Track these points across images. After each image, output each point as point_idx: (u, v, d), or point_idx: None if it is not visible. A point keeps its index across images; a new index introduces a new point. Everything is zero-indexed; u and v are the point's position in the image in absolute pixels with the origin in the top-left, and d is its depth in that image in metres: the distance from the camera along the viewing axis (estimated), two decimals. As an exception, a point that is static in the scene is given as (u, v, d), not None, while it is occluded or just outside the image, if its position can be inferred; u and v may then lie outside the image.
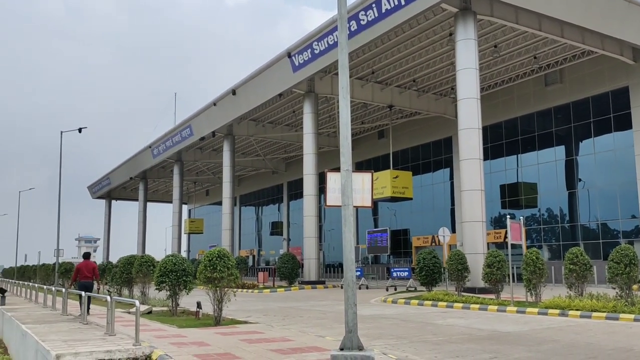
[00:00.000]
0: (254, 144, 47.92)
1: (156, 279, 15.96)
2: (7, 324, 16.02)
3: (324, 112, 39.56)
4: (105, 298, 11.31)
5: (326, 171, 7.98)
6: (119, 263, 22.48)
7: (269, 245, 60.13)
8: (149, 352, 9.02)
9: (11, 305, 19.48)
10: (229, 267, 13.54)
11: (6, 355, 13.63)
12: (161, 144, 50.70)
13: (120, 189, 68.80)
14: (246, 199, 65.06)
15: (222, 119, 40.23)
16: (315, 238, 33.62)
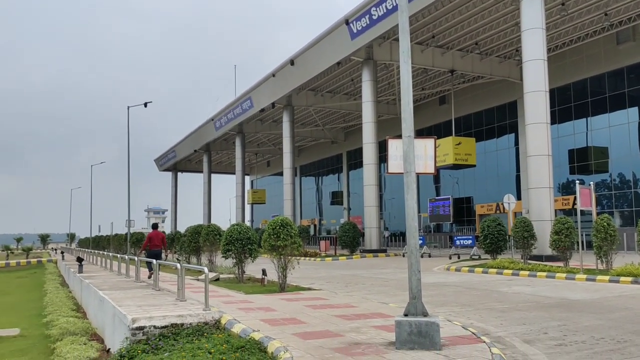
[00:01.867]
0: (313, 114, 47.99)
1: (223, 248, 16.43)
2: (85, 291, 16.99)
3: (383, 80, 39.04)
4: (175, 266, 11.75)
5: (387, 138, 7.89)
6: (187, 232, 23.26)
7: (330, 214, 60.60)
8: (218, 317, 9.35)
9: (88, 273, 20.57)
10: (292, 235, 13.75)
11: (86, 320, 14.49)
12: (223, 117, 51.61)
13: (186, 161, 70.75)
14: (306, 169, 65.54)
15: (281, 89, 40.44)
16: (375, 207, 33.57)
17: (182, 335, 8.65)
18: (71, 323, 12.52)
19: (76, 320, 13.17)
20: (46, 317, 15.23)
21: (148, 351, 8.21)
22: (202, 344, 7.92)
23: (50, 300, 18.20)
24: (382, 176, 41.73)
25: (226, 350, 7.25)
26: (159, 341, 8.49)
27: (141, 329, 8.73)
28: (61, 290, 21.55)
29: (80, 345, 10.38)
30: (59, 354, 9.82)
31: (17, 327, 15.16)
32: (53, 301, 17.82)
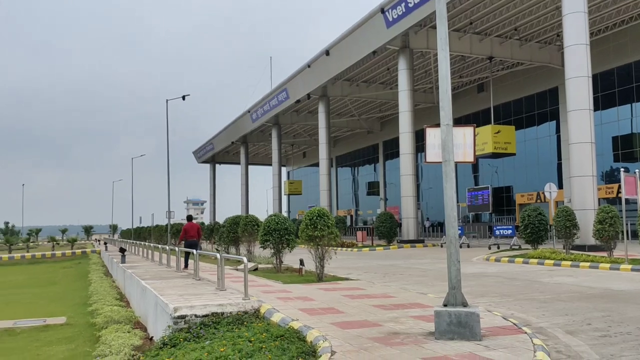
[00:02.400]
0: (349, 104, 47.84)
1: (261, 238, 16.61)
2: (128, 280, 17.43)
3: (419, 68, 38.60)
4: (214, 256, 11.94)
5: (425, 127, 7.80)
6: (225, 223, 23.57)
7: (366, 205, 60.46)
8: (258, 306, 9.47)
9: (131, 263, 21.08)
10: (329, 225, 13.78)
11: (129, 308, 14.87)
12: (259, 109, 51.94)
13: (223, 153, 71.56)
14: (342, 160, 65.47)
15: (316, 80, 40.42)
16: (412, 197, 33.32)
17: (223, 324, 8.79)
18: (115, 312, 12.86)
19: (120, 309, 13.52)
20: (91, 306, 15.68)
21: (190, 339, 8.38)
22: (242, 332, 8.03)
23: (95, 290, 18.73)
24: (419, 166, 41.38)
25: (266, 339, 7.34)
26: (200, 329, 8.65)
27: (183, 317, 8.91)
28: (105, 280, 22.15)
29: (124, 333, 10.66)
30: (104, 342, 10.10)
31: (63, 315, 15.68)
32: (97, 290, 18.33)
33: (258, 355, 6.54)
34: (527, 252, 21.44)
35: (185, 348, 7.97)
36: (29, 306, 18.76)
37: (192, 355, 7.15)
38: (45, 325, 14.14)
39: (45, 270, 36.12)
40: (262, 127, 56.28)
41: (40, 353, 11.23)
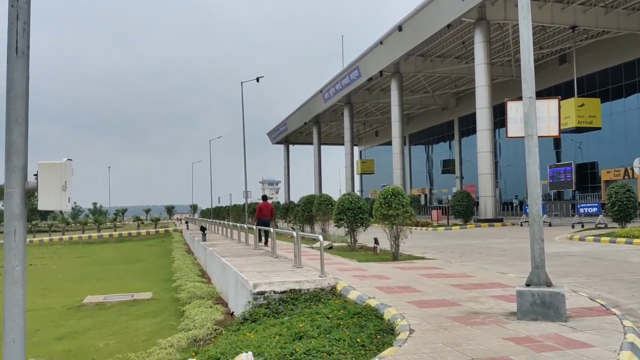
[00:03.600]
0: (422, 80, 46.89)
1: (335, 217, 16.71)
2: (209, 258, 18.06)
3: (496, 41, 37.17)
4: (290, 234, 12.13)
5: (506, 100, 7.50)
6: (300, 202, 23.89)
7: (441, 183, 59.39)
8: (334, 284, 9.55)
9: (211, 241, 21.82)
10: (404, 204, 13.64)
11: (210, 285, 15.42)
12: (331, 88, 51.90)
13: (296, 133, 72.27)
14: (416, 138, 64.49)
15: (389, 57, 39.82)
16: (490, 175, 32.36)
17: (300, 300, 8.95)
18: (198, 288, 13.39)
19: (202, 285, 14.06)
20: (175, 282, 16.41)
21: (269, 315, 8.60)
22: (319, 309, 8.14)
23: (178, 267, 19.56)
24: (497, 142, 40.10)
25: (343, 315, 7.39)
26: (279, 305, 8.85)
27: (262, 293, 9.14)
28: (187, 257, 23.08)
29: (207, 308, 11.08)
30: (188, 316, 10.54)
31: (149, 291, 16.51)
32: (180, 267, 19.14)
33: (336, 332, 6.61)
34: (614, 230, 20.38)
35: (265, 323, 8.19)
36: (118, 282, 19.88)
37: (272, 331, 7.33)
38: (133, 300, 14.93)
39: (131, 248, 38.12)
40: (334, 107, 56.27)
41: (129, 326, 11.88)
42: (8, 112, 2.85)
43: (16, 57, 2.84)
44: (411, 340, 5.98)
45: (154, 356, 7.48)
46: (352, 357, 5.70)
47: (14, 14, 2.81)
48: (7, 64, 2.84)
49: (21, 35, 2.83)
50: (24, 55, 2.86)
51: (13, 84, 2.84)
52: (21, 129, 2.88)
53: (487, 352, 5.44)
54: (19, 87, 2.86)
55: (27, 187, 2.95)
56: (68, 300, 15.79)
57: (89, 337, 11.10)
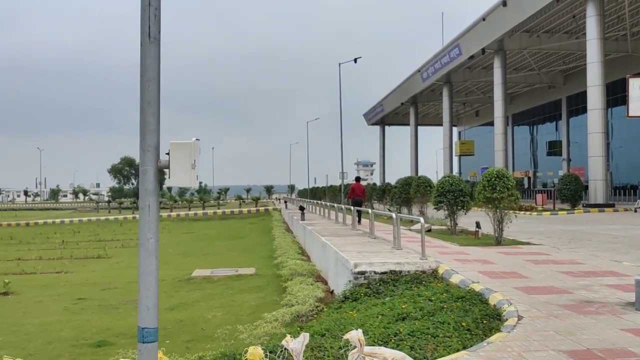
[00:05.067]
0: (527, 57, 44.65)
1: (434, 199, 16.46)
2: (308, 237, 18.44)
3: (610, 14, 34.57)
4: (386, 215, 12.10)
5: (628, 77, 6.97)
6: (397, 184, 23.74)
7: (546, 166, 56.57)
8: (435, 267, 9.44)
9: (309, 221, 22.25)
10: (509, 187, 13.18)
11: (310, 262, 15.76)
12: (430, 67, 50.77)
13: (393, 114, 71.57)
14: (519, 118, 61.71)
15: (492, 34, 38.24)
16: (602, 157, 30.36)
17: (401, 282, 8.93)
18: (299, 265, 13.73)
19: (303, 263, 14.40)
20: (276, 259, 16.92)
21: (370, 295, 8.67)
22: (421, 291, 8.09)
23: (279, 244, 20.13)
24: (609, 122, 37.45)
25: (446, 299, 7.30)
26: (379, 286, 8.89)
27: (362, 273, 9.22)
28: (287, 236, 23.70)
29: (308, 285, 11.35)
30: (290, 292, 10.85)
31: (252, 266, 17.14)
32: (281, 245, 19.69)
33: (440, 315, 6.54)
34: None
35: (366, 302, 8.27)
36: (222, 257, 20.82)
37: (374, 310, 7.38)
38: (237, 274, 15.58)
39: (233, 225, 39.72)
40: (433, 87, 55.02)
41: (235, 299, 12.42)
42: (142, 95, 3.05)
43: (149, 42, 3.03)
44: (520, 327, 5.80)
45: (260, 329, 7.79)
46: (458, 340, 5.62)
47: (146, 0, 2.99)
48: (140, 49, 3.03)
49: (153, 21, 3.01)
50: (156, 40, 3.04)
51: (146, 68, 3.04)
52: (154, 110, 3.07)
53: (603, 342, 5.17)
54: (152, 70, 3.05)
55: (160, 165, 3.16)
56: (178, 273, 16.75)
57: (198, 308, 11.72)
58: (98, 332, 9.90)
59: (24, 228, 43.00)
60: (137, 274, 12.32)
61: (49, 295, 13.75)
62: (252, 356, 3.71)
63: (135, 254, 14.81)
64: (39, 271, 17.91)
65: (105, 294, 13.76)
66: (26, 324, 10.70)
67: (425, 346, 5.56)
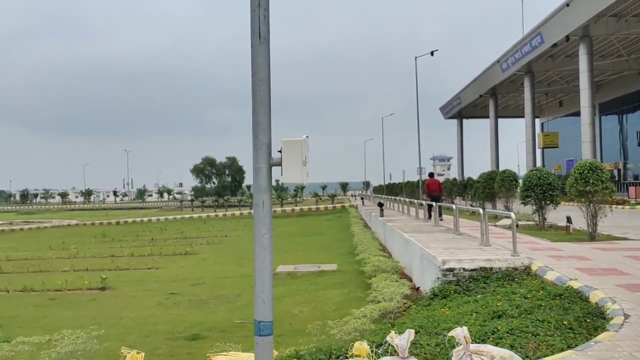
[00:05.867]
0: (615, 43, 42.19)
1: (521, 193, 15.91)
2: (389, 233, 18.32)
3: None
4: (468, 210, 11.80)
5: None
6: (480, 179, 23.12)
7: (636, 157, 53.29)
8: (528, 263, 9.12)
9: (388, 217, 22.10)
10: (603, 180, 12.51)
11: (392, 259, 15.65)
12: (509, 57, 49.06)
13: (470, 107, 69.71)
14: (607, 107, 58.41)
15: (576, 19, 36.42)
16: (703, 146, 28.22)
17: (492, 279, 8.69)
18: (382, 262, 13.66)
19: (386, 259, 14.32)
20: (358, 255, 16.92)
21: (460, 292, 8.49)
22: (514, 288, 7.83)
23: (359, 241, 20.13)
24: None
25: (543, 296, 7.03)
26: (469, 283, 8.70)
27: (451, 270, 9.05)
28: (367, 232, 23.66)
29: (393, 282, 11.26)
30: (376, 289, 10.81)
31: (333, 262, 17.25)
32: (361, 242, 19.68)
33: (538, 313, 6.30)
34: None
35: (456, 300, 8.11)
36: (303, 253, 21.07)
37: (467, 308, 7.23)
38: (320, 271, 15.73)
39: (311, 222, 40.14)
40: (513, 77, 53.10)
41: (319, 295, 12.54)
42: (254, 95, 3.13)
43: (259, 43, 3.10)
44: (628, 326, 5.50)
45: (350, 325, 7.81)
46: (561, 339, 5.40)
47: (256, 2, 3.06)
48: (251, 50, 3.11)
49: (262, 22, 3.07)
50: (266, 41, 3.11)
51: (257, 68, 3.11)
52: (265, 109, 3.15)
53: None
54: (263, 71, 3.12)
55: (272, 162, 3.23)
56: (261, 269, 17.10)
57: (284, 303, 11.93)
58: (191, 325, 10.28)
59: (115, 226, 45.40)
60: (223, 270, 12.76)
61: (143, 290, 14.43)
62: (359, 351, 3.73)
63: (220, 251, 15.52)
64: (132, 267, 18.83)
65: (195, 289, 14.27)
66: (124, 317, 11.28)
67: (525, 345, 5.38)
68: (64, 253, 24.14)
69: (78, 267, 18.95)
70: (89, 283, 15.07)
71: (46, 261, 21.31)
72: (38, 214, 75.98)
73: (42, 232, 40.90)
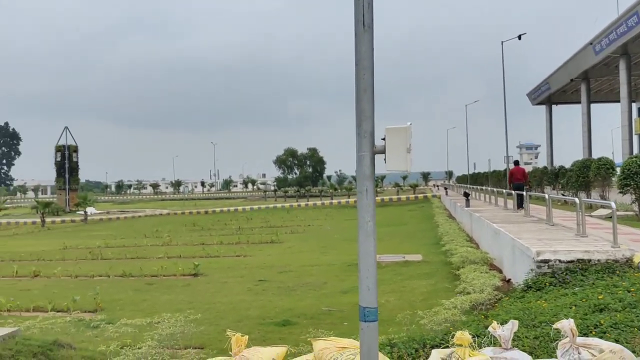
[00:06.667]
0: None
1: (619, 182, 15.06)
2: (476, 223, 17.90)
3: None
4: (562, 200, 11.29)
5: None
6: (573, 167, 22.07)
7: None
8: (630, 255, 8.64)
9: (475, 207, 21.58)
10: None
11: (479, 250, 15.29)
12: (603, 39, 46.22)
13: (560, 92, 66.37)
14: None
15: (680, -5, 33.75)
16: None
17: (591, 271, 8.32)
18: (470, 252, 13.38)
19: (474, 250, 14.01)
20: (444, 246, 16.66)
21: (555, 284, 8.19)
22: (616, 281, 7.46)
23: (445, 231, 19.81)
24: None
25: (649, 290, 6.64)
26: (565, 275, 8.36)
27: (546, 262, 8.73)
28: (452, 223, 23.23)
29: (483, 273, 11.01)
30: (465, 280, 10.62)
31: (418, 253, 17.08)
32: (447, 232, 19.35)
33: (644, 307, 5.97)
34: None
35: (552, 292, 7.83)
36: (387, 243, 20.99)
37: (564, 300, 6.96)
38: (404, 261, 15.63)
39: (393, 212, 39.90)
40: (607, 60, 49.95)
41: (405, 285, 12.48)
42: (357, 83, 3.15)
43: (363, 31, 3.12)
44: None
45: (440, 315, 7.73)
46: (674, 336, 5.09)
47: (361, -10, 3.07)
48: (354, 38, 3.13)
49: (367, 9, 3.09)
50: (369, 29, 3.12)
51: (361, 56, 3.14)
52: (369, 97, 3.17)
53: None
54: (367, 58, 3.14)
55: (375, 150, 3.25)
56: (346, 257, 17.25)
57: (370, 292, 11.95)
58: (281, 312, 10.54)
59: (204, 216, 47.21)
60: (308, 258, 12.99)
61: (233, 277, 14.94)
62: (460, 340, 3.69)
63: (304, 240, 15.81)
64: (221, 255, 19.53)
65: (282, 276, 14.61)
66: (217, 303, 11.73)
67: (632, 339, 5.12)
68: (158, 241, 25.40)
69: (171, 254, 19.88)
70: (183, 269, 15.78)
71: (142, 248, 22.51)
72: (132, 204, 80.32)
73: (136, 221, 43.23)
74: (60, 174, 56.47)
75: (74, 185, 57.21)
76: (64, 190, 56.12)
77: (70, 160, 56.72)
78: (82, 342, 8.33)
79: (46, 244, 25.91)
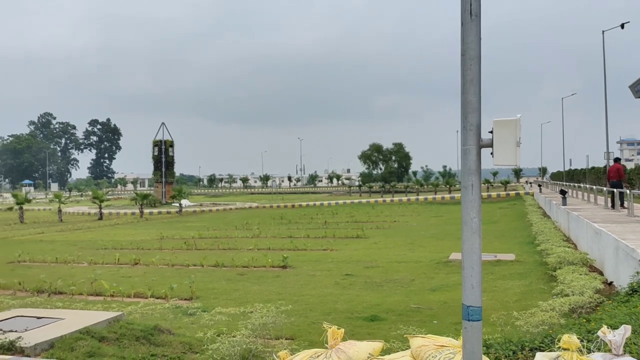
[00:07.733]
0: None
1: None
2: (573, 223, 17.01)
3: None
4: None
5: None
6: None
7: None
8: None
9: (572, 206, 20.52)
10: None
11: (578, 251, 14.52)
12: None
13: (668, 84, 61.77)
14: None
15: None
16: None
17: None
18: (568, 253, 12.74)
19: (573, 251, 13.33)
20: (538, 245, 15.98)
21: (666, 289, 7.61)
22: None
23: (539, 230, 18.99)
24: None
25: None
26: (678, 280, 7.75)
27: (655, 265, 8.14)
28: (547, 221, 22.23)
29: (582, 275, 10.45)
30: (562, 281, 10.12)
31: (510, 252, 16.48)
32: (542, 231, 18.54)
33: None
34: None
35: (663, 298, 7.28)
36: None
37: (678, 307, 6.45)
38: (496, 260, 15.14)
39: (484, 209, 38.10)
40: None
41: (497, 285, 12.08)
42: (463, 73, 3.07)
43: (470, 20, 3.03)
44: None
45: (537, 317, 7.41)
46: None
47: (469, -22, 2.98)
48: (461, 27, 3.05)
49: (475, -1, 3.00)
50: (477, 18, 3.03)
51: (468, 46, 3.05)
52: (476, 89, 3.08)
53: None
54: (474, 49, 3.05)
55: (481, 143, 3.16)
56: (433, 255, 16.95)
57: (459, 291, 11.67)
58: (368, 307, 10.53)
59: (291, 209, 48.08)
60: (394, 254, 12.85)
61: (320, 270, 15.10)
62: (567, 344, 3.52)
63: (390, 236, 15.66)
64: (309, 248, 19.79)
65: (369, 271, 14.58)
66: (305, 295, 11.90)
67: None
68: (248, 233, 26.15)
69: (261, 246, 20.40)
70: (272, 261, 16.15)
71: (233, 240, 23.26)
72: (223, 197, 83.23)
73: (227, 214, 44.75)
74: (157, 168, 59.42)
75: (169, 178, 60.02)
76: (160, 183, 59.02)
77: (166, 155, 59.55)
78: (180, 329, 8.73)
79: (145, 234, 27.41)
